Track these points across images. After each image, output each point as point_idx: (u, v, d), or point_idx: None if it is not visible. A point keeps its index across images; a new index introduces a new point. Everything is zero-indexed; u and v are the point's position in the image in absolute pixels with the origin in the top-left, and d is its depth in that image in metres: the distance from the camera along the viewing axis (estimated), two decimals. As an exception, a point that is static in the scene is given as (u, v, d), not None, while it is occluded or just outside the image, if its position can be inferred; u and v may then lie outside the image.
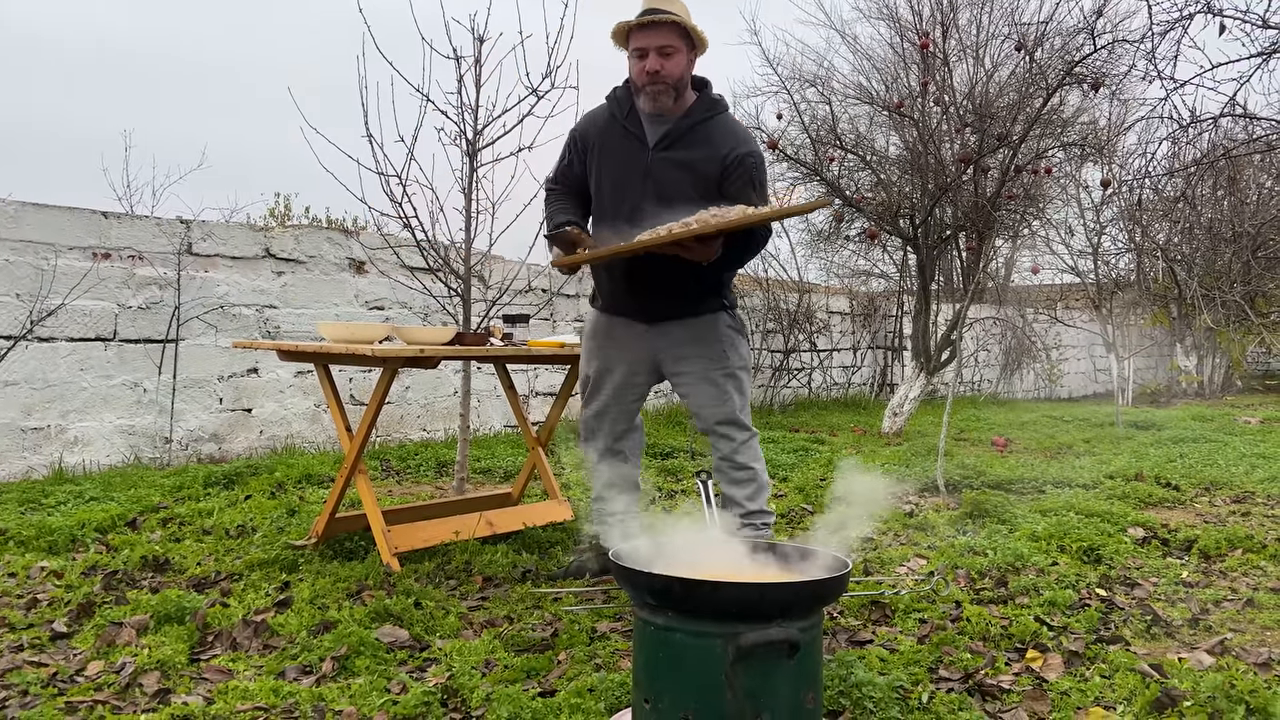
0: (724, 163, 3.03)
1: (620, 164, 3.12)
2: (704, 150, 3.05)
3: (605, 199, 3.16)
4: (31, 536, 3.80)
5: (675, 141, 3.06)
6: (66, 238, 5.58)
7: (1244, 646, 2.77)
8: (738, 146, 3.06)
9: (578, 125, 3.27)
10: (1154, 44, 4.73)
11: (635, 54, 3.03)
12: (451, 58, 4.71)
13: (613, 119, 3.15)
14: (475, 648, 2.69)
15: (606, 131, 3.16)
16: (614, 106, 3.16)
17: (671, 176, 3.05)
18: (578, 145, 3.22)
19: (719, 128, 3.09)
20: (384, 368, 3.54)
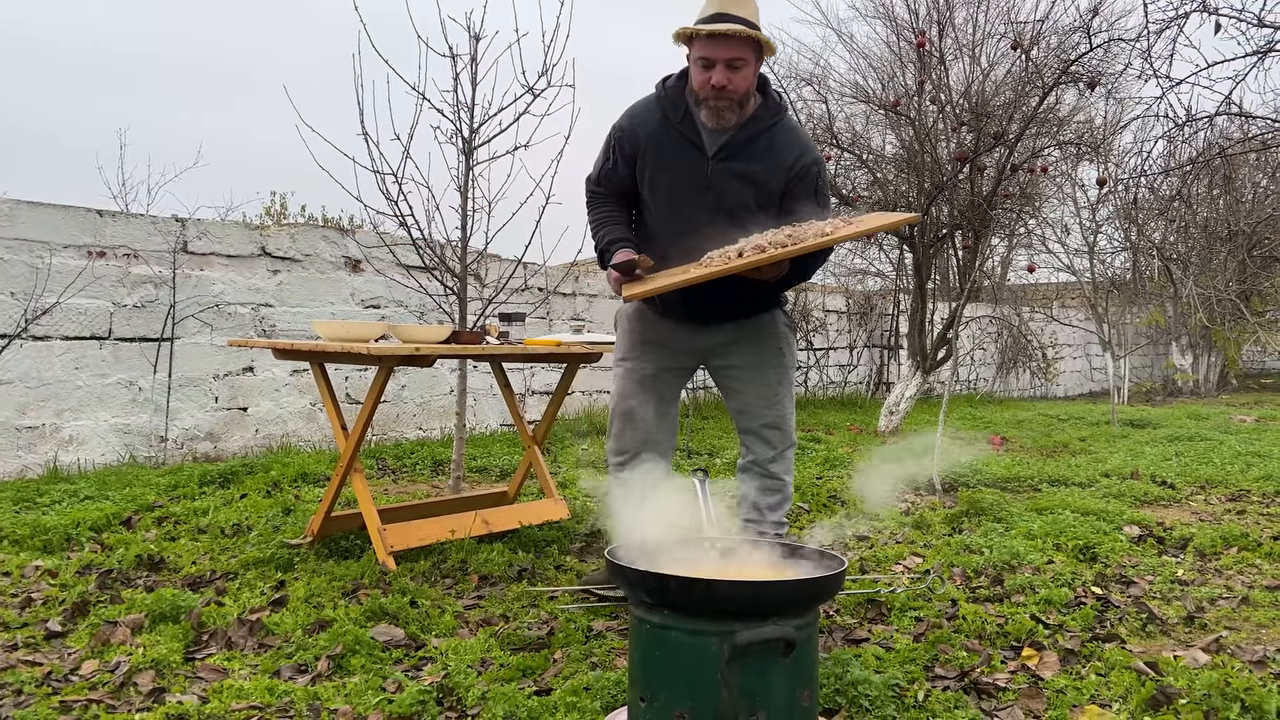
0: (788, 174, 2.85)
1: (677, 173, 2.87)
2: (766, 161, 2.85)
3: (660, 209, 2.93)
4: (26, 535, 3.79)
5: (737, 151, 2.84)
6: (61, 236, 5.56)
7: (1239, 644, 2.77)
8: (802, 156, 2.88)
9: (623, 123, 2.96)
10: (1150, 43, 4.74)
11: (700, 63, 2.75)
12: (448, 56, 4.70)
13: (665, 121, 2.87)
14: (471, 646, 2.69)
15: (659, 135, 2.88)
16: (666, 106, 2.88)
17: (732, 188, 2.84)
18: (624, 147, 2.94)
19: (782, 135, 2.88)
20: (380, 366, 3.54)
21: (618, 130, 2.96)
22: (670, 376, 3.08)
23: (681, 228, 2.85)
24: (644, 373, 3.04)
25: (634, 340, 3.06)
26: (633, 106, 2.97)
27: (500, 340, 4.02)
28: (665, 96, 2.90)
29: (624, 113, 2.98)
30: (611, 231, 2.95)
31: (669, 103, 2.88)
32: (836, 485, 5.39)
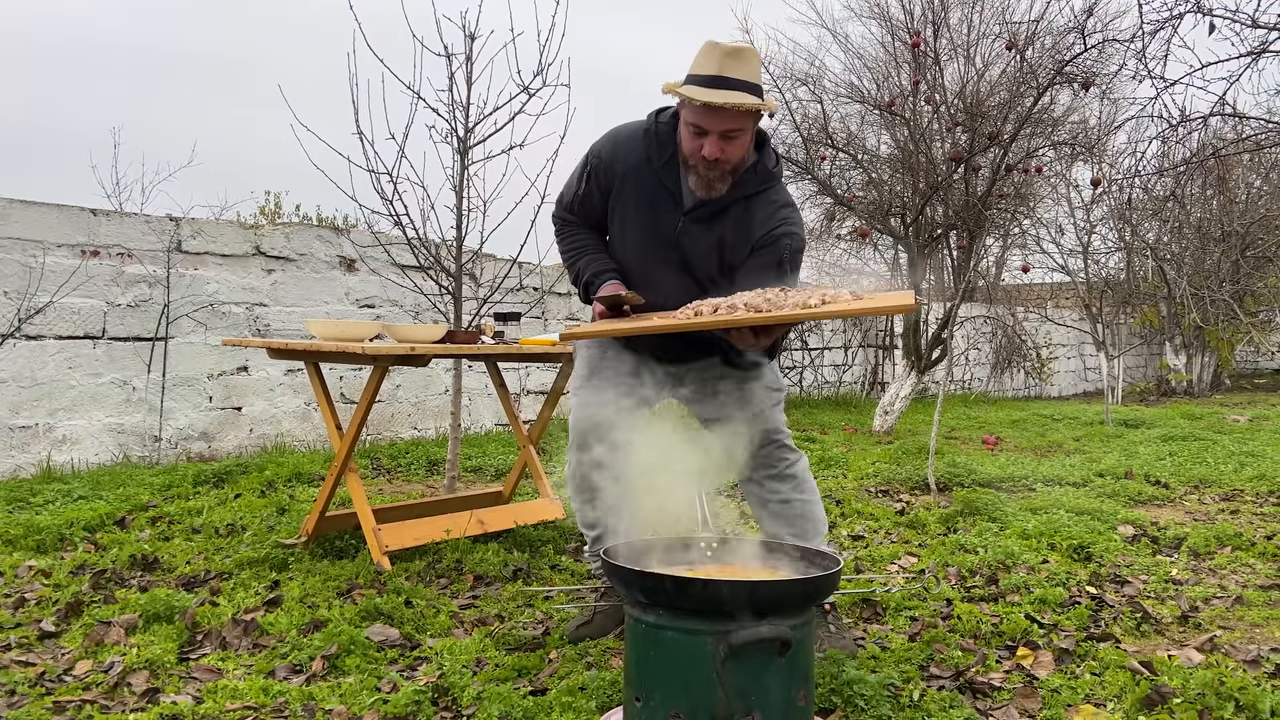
0: (755, 242, 2.61)
1: (648, 222, 2.66)
2: (739, 227, 2.62)
3: (627, 252, 2.72)
4: (19, 535, 3.78)
5: (712, 214, 2.61)
6: (55, 235, 5.55)
7: (1233, 644, 2.78)
8: (775, 227, 2.61)
9: (601, 150, 2.70)
10: (1144, 43, 4.75)
11: (691, 128, 2.49)
12: (443, 55, 4.70)
13: (647, 162, 2.64)
14: (466, 646, 2.68)
15: (638, 174, 2.65)
16: (651, 146, 2.63)
17: (699, 249, 2.63)
18: (600, 177, 2.70)
19: (762, 203, 2.63)
20: (375, 366, 3.53)
21: (594, 157, 2.71)
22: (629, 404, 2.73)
23: (646, 278, 2.66)
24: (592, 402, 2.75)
25: (591, 369, 2.80)
26: (615, 134, 2.71)
27: (495, 340, 4.02)
28: (654, 133, 2.64)
29: (605, 138, 2.73)
30: (594, 263, 2.73)
31: (655, 142, 2.64)
32: (831, 485, 5.39)
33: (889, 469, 5.88)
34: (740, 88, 2.42)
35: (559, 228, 2.84)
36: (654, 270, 2.66)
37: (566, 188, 2.81)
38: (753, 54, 2.48)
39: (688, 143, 2.52)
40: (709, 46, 2.46)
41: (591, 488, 2.74)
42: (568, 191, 2.80)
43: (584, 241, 2.78)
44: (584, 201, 2.75)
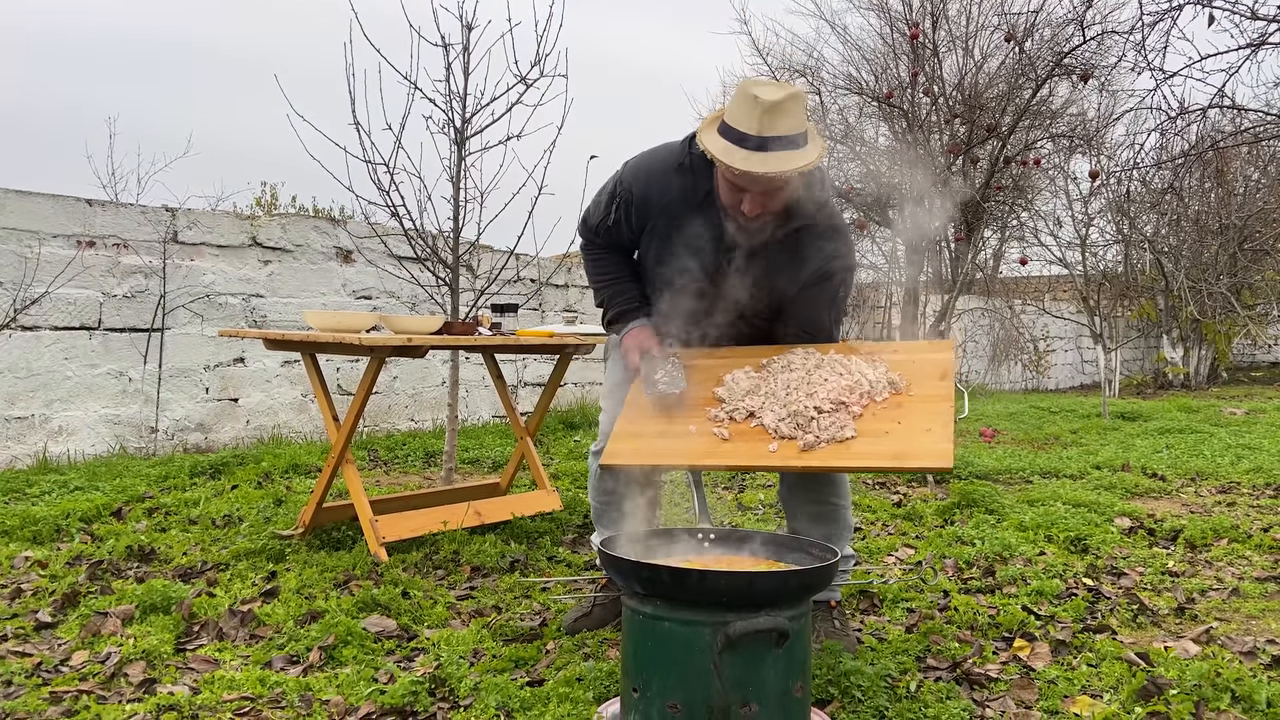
0: (804, 280, 2.52)
1: (689, 259, 2.51)
2: (787, 263, 2.50)
3: (662, 291, 2.61)
4: (15, 526, 3.77)
5: (757, 251, 2.49)
6: (50, 225, 5.53)
7: (1229, 635, 2.78)
8: (826, 262, 2.50)
9: (634, 187, 2.55)
10: (1144, 35, 4.74)
11: (730, 185, 2.34)
12: (439, 45, 4.68)
13: (684, 198, 2.49)
14: (463, 637, 2.68)
15: (675, 212, 2.51)
16: (687, 185, 2.48)
17: (744, 290, 2.53)
18: (632, 211, 2.57)
19: (811, 236, 2.49)
20: (371, 357, 3.52)
21: (625, 191, 2.56)
22: None
23: (684, 312, 2.57)
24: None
25: (622, 377, 2.73)
26: (648, 165, 2.55)
27: (493, 331, 4.01)
28: (690, 168, 2.47)
29: (635, 168, 2.57)
30: (620, 296, 2.66)
31: (691, 180, 2.48)
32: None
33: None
34: (783, 146, 2.23)
35: (585, 247, 2.77)
36: (694, 305, 2.58)
37: (593, 212, 2.69)
38: (795, 100, 2.27)
39: (726, 195, 2.38)
40: (747, 99, 2.25)
41: (610, 491, 2.77)
42: (593, 216, 2.68)
43: (611, 268, 2.70)
44: (612, 230, 2.64)
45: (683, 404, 2.50)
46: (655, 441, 2.46)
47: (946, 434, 2.24)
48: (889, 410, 2.36)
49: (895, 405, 2.36)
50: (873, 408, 2.37)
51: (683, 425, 2.46)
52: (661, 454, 2.43)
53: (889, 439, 2.28)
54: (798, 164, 2.23)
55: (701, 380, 2.57)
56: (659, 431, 2.48)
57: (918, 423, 2.30)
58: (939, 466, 2.21)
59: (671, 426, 2.47)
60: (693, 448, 2.39)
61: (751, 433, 2.39)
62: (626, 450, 2.47)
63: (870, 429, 2.32)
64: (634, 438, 2.49)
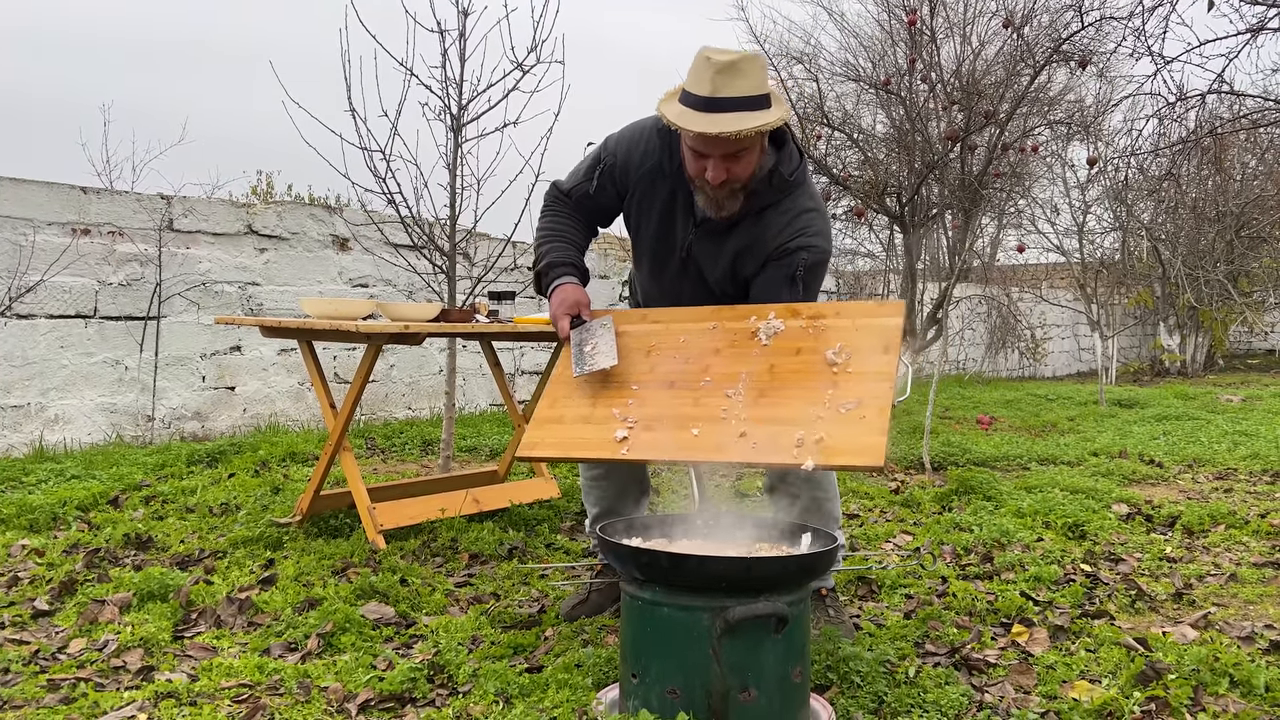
0: (769, 254, 2.49)
1: (660, 232, 2.57)
2: (748, 239, 2.49)
3: (642, 263, 2.68)
4: (12, 514, 3.76)
5: (727, 227, 2.49)
6: (45, 213, 5.50)
7: (1227, 620, 2.79)
8: (790, 240, 2.47)
9: (618, 153, 2.57)
10: (1143, 20, 4.72)
11: (693, 152, 2.32)
12: (436, 31, 4.65)
13: (660, 169, 2.51)
14: (462, 624, 2.68)
15: (652, 183, 2.53)
16: (664, 154, 2.50)
17: (710, 260, 2.54)
18: (614, 179, 2.58)
19: (777, 214, 2.48)
20: (368, 344, 3.51)
21: (610, 157, 2.57)
22: None
23: (663, 286, 2.62)
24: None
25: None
26: (631, 135, 2.57)
27: (490, 319, 4.00)
28: (666, 142, 2.49)
29: (620, 138, 2.59)
30: (556, 252, 2.59)
31: (668, 153, 2.49)
32: (826, 464, 5.39)
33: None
34: (738, 107, 2.21)
35: (548, 204, 2.70)
36: (668, 278, 2.62)
37: (572, 175, 2.67)
38: (752, 62, 2.24)
39: (690, 164, 2.37)
40: (701, 61, 2.25)
41: (600, 467, 2.77)
42: (572, 180, 2.66)
43: (560, 226, 2.64)
44: (588, 198, 2.62)
45: (609, 382, 2.37)
46: (576, 429, 2.31)
47: (881, 424, 2.02)
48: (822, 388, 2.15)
49: (830, 384, 2.15)
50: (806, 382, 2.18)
51: (605, 409, 2.31)
52: (580, 445, 2.29)
53: (818, 425, 2.07)
54: (753, 124, 2.19)
55: (634, 348, 2.43)
56: (582, 416, 2.34)
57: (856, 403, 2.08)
58: (866, 465, 2.01)
59: (595, 411, 2.32)
60: (610, 438, 2.25)
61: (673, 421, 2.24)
62: (546, 440, 2.32)
63: (797, 415, 2.12)
64: (555, 423, 2.35)
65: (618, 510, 2.80)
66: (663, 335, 2.45)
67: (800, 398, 2.17)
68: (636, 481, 2.84)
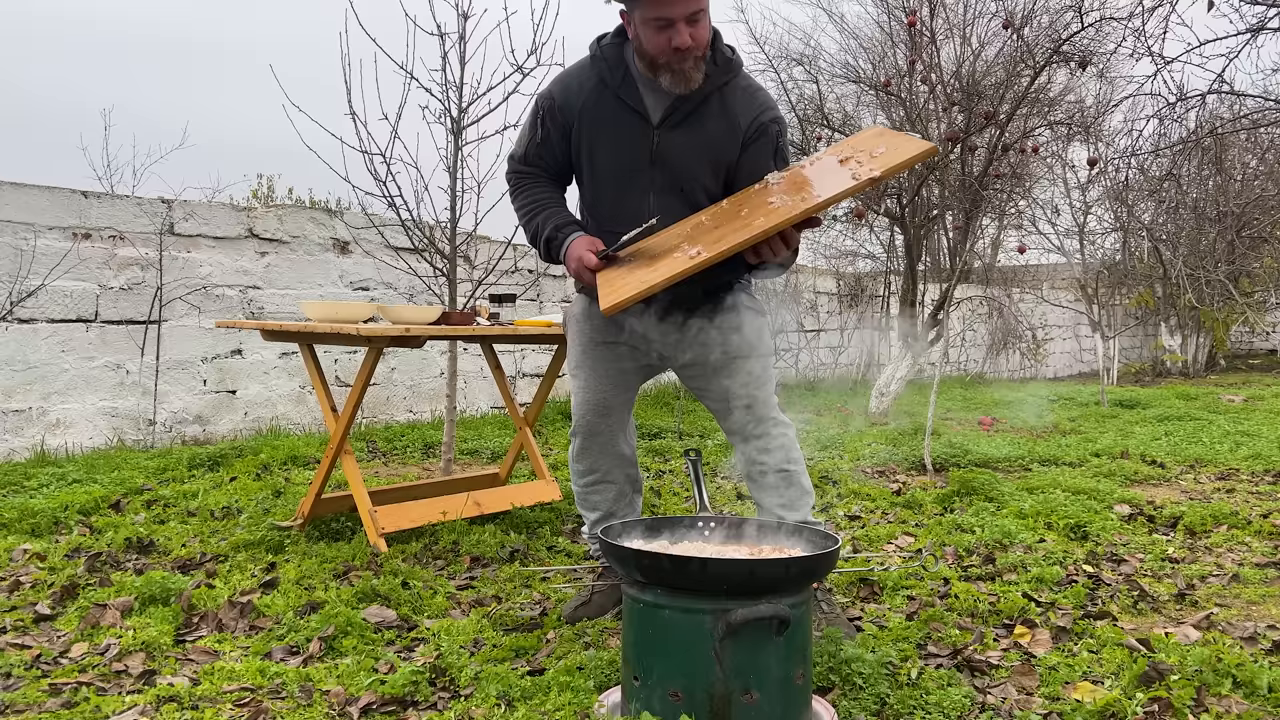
0: (743, 136, 2.53)
1: (619, 146, 2.54)
2: (719, 123, 2.52)
3: (601, 188, 2.61)
4: (13, 519, 3.76)
5: (685, 117, 2.51)
6: (46, 218, 5.50)
7: (1230, 621, 2.78)
8: (761, 114, 2.55)
9: (552, 92, 2.59)
10: (1143, 20, 4.72)
11: (654, 24, 2.36)
12: (435, 34, 4.66)
13: (602, 86, 2.53)
14: (463, 627, 2.68)
15: (596, 103, 2.54)
16: (603, 70, 2.53)
17: (683, 160, 2.53)
18: (555, 117, 2.58)
19: (734, 94, 2.54)
20: (369, 347, 3.51)
21: (546, 99, 2.60)
22: (632, 379, 2.76)
23: (628, 209, 2.54)
24: (602, 380, 2.71)
25: (585, 345, 2.73)
26: (564, 73, 2.63)
27: (491, 321, 4.00)
28: (601, 57, 2.54)
29: (552, 81, 2.64)
30: (553, 217, 2.59)
31: (606, 65, 2.53)
32: (828, 466, 5.39)
33: (885, 450, 5.88)
34: None
35: (514, 183, 2.70)
36: (634, 200, 2.55)
37: (518, 141, 2.70)
38: None
39: (653, 41, 2.39)
40: None
41: (595, 470, 2.79)
42: (519, 145, 2.68)
43: (541, 196, 2.65)
44: (542, 148, 2.63)
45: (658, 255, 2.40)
46: (648, 274, 2.30)
47: (914, 140, 2.31)
48: (848, 169, 2.31)
49: (851, 169, 2.30)
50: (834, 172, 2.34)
51: (665, 255, 2.34)
52: (656, 276, 2.26)
53: (861, 169, 2.25)
54: None
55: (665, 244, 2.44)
56: (648, 270, 2.34)
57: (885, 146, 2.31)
58: (922, 151, 2.23)
59: (656, 260, 2.34)
60: (684, 258, 2.26)
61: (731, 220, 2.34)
62: (624, 287, 2.29)
63: (838, 181, 2.28)
64: (624, 282, 2.33)
65: (616, 513, 2.82)
66: (683, 226, 2.46)
67: (835, 174, 2.30)
68: (631, 481, 2.85)
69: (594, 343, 2.71)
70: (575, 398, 2.75)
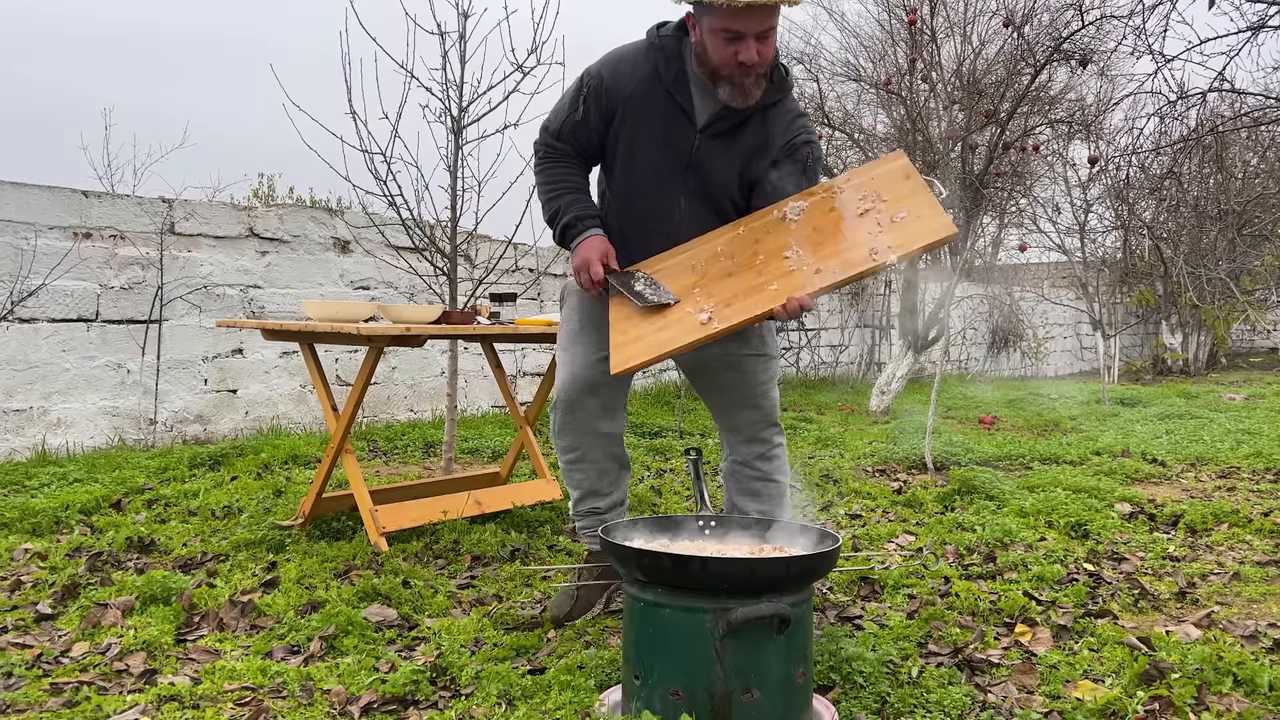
0: (776, 153, 2.53)
1: (660, 143, 2.49)
2: (758, 138, 2.51)
3: (633, 183, 2.56)
4: (15, 518, 3.77)
5: (733, 127, 2.48)
6: (46, 217, 5.51)
7: (1231, 619, 2.78)
8: (795, 135, 2.54)
9: (603, 72, 2.51)
10: (1143, 18, 4.71)
11: (723, 34, 2.31)
12: (436, 33, 4.65)
13: (655, 78, 2.46)
14: (464, 626, 2.68)
15: (646, 94, 2.47)
16: (659, 61, 2.46)
17: (717, 168, 2.52)
18: (601, 100, 2.50)
19: (779, 112, 2.53)
20: (370, 347, 3.51)
21: (594, 79, 2.51)
22: None
23: (654, 209, 2.53)
24: (595, 358, 2.62)
25: (584, 321, 2.67)
26: (617, 54, 2.53)
27: (491, 320, 4.00)
28: (659, 48, 2.47)
29: (603, 59, 2.54)
30: (576, 205, 2.55)
31: (663, 58, 2.47)
32: (829, 464, 5.39)
33: (886, 448, 5.88)
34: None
35: (542, 155, 2.63)
36: (665, 200, 2.53)
37: (555, 114, 2.60)
38: None
39: (719, 52, 2.34)
40: None
41: (575, 448, 2.69)
42: (555, 118, 2.59)
43: (567, 177, 2.59)
44: (579, 128, 2.55)
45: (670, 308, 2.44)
46: (658, 335, 2.36)
47: (937, 211, 2.33)
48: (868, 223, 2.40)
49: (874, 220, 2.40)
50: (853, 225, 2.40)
51: (679, 312, 2.39)
52: (669, 341, 2.33)
53: (881, 239, 2.33)
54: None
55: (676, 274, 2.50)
56: (659, 327, 2.39)
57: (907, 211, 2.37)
58: (944, 236, 2.30)
59: (669, 318, 2.39)
60: (695, 324, 2.34)
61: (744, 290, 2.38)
62: (635, 352, 2.35)
63: (858, 242, 2.35)
64: (637, 340, 2.38)
65: (600, 490, 2.75)
66: (698, 255, 2.50)
67: (853, 234, 2.38)
68: (614, 459, 2.75)
69: (594, 322, 2.63)
70: (562, 370, 2.66)
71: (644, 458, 5.50)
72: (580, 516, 2.80)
